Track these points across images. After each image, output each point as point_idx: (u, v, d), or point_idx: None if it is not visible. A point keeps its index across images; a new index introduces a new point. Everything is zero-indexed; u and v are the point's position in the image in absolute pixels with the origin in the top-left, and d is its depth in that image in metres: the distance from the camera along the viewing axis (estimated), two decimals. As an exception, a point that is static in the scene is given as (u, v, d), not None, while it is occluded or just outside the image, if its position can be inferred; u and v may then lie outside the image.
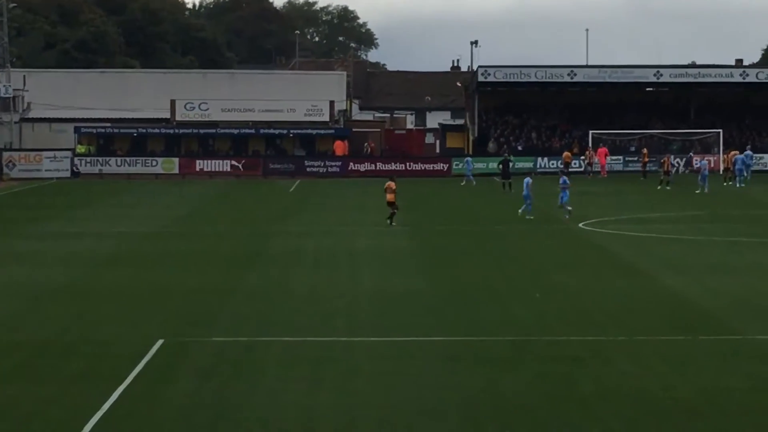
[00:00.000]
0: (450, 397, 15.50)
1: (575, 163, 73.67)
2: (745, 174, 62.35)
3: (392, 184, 42.15)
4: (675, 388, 16.02)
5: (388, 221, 41.26)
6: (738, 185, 60.74)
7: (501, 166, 64.24)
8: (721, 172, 68.29)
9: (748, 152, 67.09)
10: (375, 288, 25.80)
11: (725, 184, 63.93)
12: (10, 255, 33.07)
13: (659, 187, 61.42)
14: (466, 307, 23.00)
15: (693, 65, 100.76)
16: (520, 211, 44.30)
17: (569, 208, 43.96)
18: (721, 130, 76.05)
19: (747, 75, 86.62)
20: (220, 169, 75.00)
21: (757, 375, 16.75)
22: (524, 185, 45.66)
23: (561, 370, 17.24)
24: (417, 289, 25.44)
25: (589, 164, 74.28)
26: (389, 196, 42.01)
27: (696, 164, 68.41)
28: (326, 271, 29.06)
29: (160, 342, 19.26)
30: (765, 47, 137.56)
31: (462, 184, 65.16)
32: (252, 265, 30.15)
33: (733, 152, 66.83)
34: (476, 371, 17.04)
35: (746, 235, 39.23)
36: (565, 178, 47.31)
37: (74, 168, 73.29)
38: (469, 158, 71.07)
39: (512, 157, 69.01)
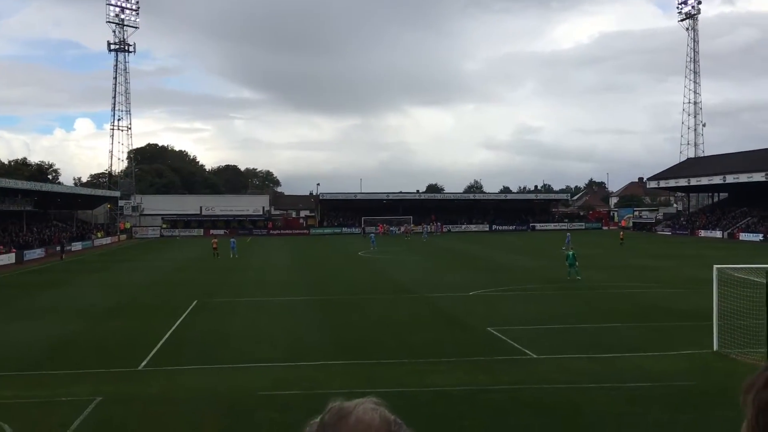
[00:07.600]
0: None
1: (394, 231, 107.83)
2: None
3: (215, 241, 50.06)
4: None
5: (218, 256, 48.88)
6: None
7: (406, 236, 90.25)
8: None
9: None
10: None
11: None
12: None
13: (407, 237, 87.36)
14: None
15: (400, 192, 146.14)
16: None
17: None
18: (411, 217, 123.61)
19: (421, 193, 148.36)
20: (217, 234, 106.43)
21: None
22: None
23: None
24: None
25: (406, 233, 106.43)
26: (214, 244, 49.54)
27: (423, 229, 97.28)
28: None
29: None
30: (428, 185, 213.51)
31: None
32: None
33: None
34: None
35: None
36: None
37: (161, 234, 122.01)
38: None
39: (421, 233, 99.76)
